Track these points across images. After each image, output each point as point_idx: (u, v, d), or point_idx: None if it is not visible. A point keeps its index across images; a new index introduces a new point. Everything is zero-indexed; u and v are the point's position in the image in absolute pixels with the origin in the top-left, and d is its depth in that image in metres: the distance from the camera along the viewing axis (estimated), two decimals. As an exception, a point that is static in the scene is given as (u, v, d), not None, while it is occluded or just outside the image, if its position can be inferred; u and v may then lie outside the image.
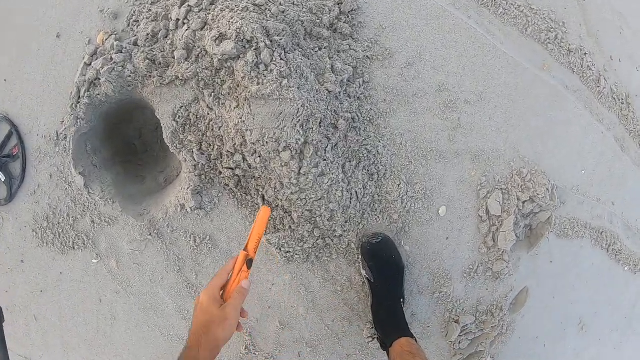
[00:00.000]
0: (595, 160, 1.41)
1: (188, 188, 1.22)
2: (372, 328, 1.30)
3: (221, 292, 0.89)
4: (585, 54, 1.34)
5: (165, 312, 1.36)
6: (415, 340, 1.12)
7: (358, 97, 1.22)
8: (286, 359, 1.35)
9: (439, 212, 1.30)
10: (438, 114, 1.27)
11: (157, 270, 1.34)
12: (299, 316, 1.33)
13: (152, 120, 1.34)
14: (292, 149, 1.09)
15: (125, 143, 1.50)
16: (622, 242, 1.52)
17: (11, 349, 1.45)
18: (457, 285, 1.34)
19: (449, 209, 1.30)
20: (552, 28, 1.31)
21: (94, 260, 1.35)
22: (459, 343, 1.40)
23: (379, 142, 1.24)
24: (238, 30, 1.05)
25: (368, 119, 1.24)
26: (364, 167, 1.22)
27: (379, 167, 1.24)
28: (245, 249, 0.91)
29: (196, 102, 1.21)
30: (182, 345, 1.35)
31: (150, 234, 1.30)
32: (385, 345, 1.14)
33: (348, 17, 1.22)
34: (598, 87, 1.38)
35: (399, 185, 1.25)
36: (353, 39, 1.23)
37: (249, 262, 0.90)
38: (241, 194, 1.24)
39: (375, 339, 1.30)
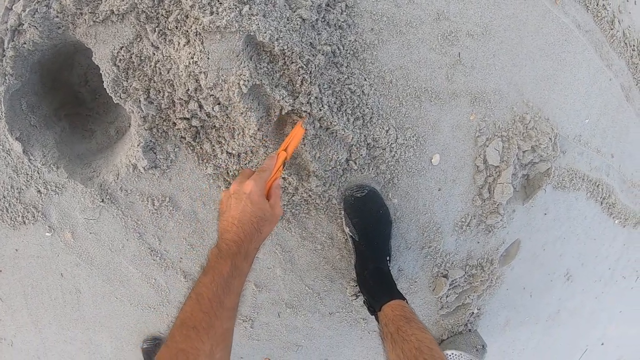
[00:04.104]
0: (600, 109, 1.29)
1: (138, 145, 1.03)
2: (356, 286, 1.22)
3: None
4: (602, -10, 1.17)
5: (131, 281, 1.25)
6: (407, 302, 1.03)
7: (339, 26, 1.00)
8: (265, 321, 1.29)
9: (432, 160, 1.17)
10: (435, 48, 1.08)
11: (116, 239, 1.20)
12: (276, 277, 1.24)
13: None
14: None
15: (69, 93, 1.27)
16: (617, 195, 1.46)
17: (-16, 331, 1.37)
18: (447, 239, 1.26)
19: (443, 158, 1.17)
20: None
21: (47, 234, 1.21)
22: (447, 297, 1.35)
23: (365, 80, 1.05)
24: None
25: (352, 52, 1.03)
26: (346, 110, 1.04)
27: (364, 110, 1.06)
28: (285, 150, 0.90)
29: (139, 40, 0.97)
30: (153, 313, 1.27)
31: (102, 200, 1.14)
32: (374, 310, 1.06)
33: None
34: (612, 29, 1.24)
35: (387, 131, 1.09)
36: (332, -52, 0.97)
37: (284, 164, 0.90)
38: (201, 148, 1.06)
39: (359, 297, 1.23)
